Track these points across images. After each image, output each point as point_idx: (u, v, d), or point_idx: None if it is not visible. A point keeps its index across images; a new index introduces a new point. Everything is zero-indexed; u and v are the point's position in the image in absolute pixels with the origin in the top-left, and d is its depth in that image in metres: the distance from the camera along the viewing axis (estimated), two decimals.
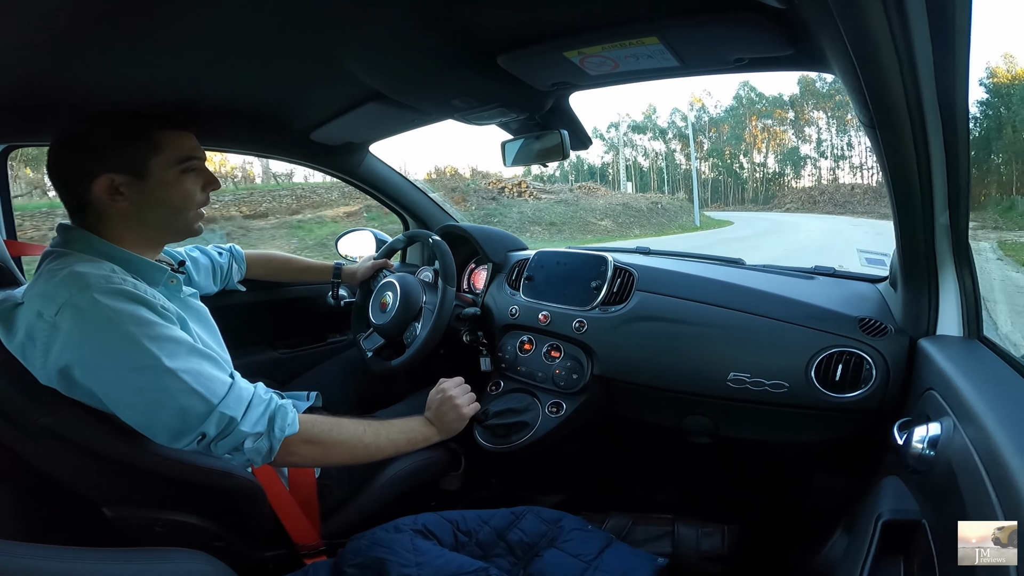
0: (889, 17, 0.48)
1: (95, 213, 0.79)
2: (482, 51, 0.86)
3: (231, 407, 0.73)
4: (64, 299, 0.68)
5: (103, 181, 0.77)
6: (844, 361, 0.98)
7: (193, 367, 0.72)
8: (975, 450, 0.53)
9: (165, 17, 0.69)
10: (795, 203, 35.56)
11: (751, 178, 44.83)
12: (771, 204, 38.52)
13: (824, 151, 42.49)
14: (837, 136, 42.52)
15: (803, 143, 43.70)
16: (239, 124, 1.24)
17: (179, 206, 0.84)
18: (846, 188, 36.35)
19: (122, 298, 0.71)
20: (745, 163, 45.55)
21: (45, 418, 0.71)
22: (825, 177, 41.97)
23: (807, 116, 43.30)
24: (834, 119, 42.73)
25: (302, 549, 0.96)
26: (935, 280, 0.88)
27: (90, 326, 0.68)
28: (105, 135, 0.79)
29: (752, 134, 45.96)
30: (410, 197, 1.75)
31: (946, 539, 0.53)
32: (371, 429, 0.89)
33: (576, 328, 1.26)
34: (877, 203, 32.05)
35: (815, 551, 0.94)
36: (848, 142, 42.28)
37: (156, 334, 0.71)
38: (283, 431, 0.76)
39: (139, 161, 0.79)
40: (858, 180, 40.23)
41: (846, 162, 42.15)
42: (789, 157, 43.35)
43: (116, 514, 0.82)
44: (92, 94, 0.91)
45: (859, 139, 41.36)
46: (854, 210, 30.80)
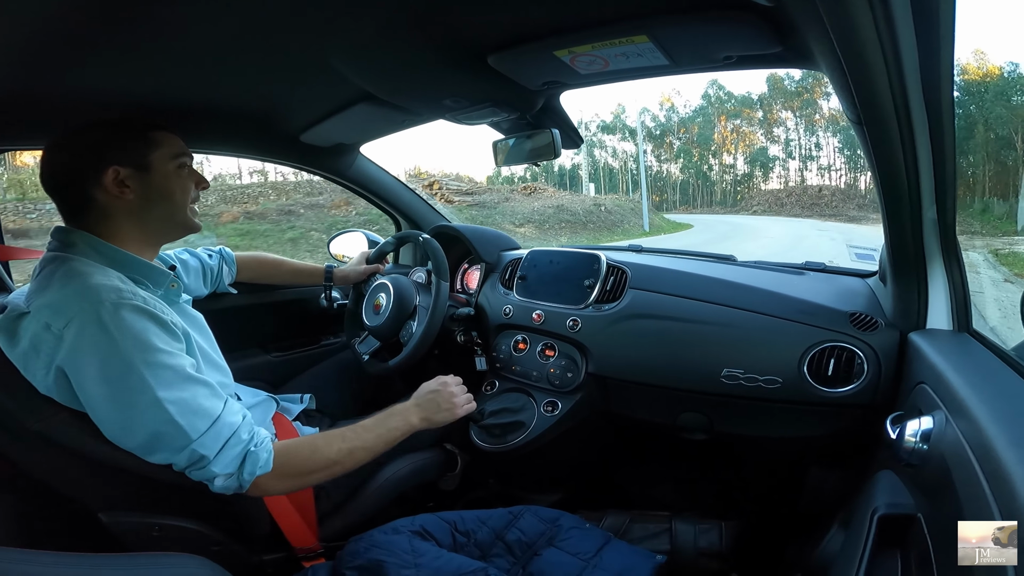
0: (875, 14, 0.48)
1: (98, 212, 0.80)
2: (472, 51, 0.86)
3: (206, 446, 0.73)
4: (74, 312, 0.69)
5: (110, 174, 0.79)
6: (836, 356, 0.99)
7: (183, 397, 0.72)
8: (967, 443, 0.53)
9: (151, 19, 0.69)
10: (762, 205, 34.80)
11: (720, 180, 43.97)
12: (738, 207, 37.68)
13: (792, 151, 41.92)
14: (805, 136, 42.14)
15: (772, 143, 43.02)
16: (228, 126, 1.23)
17: (182, 199, 0.87)
18: (814, 190, 35.74)
19: (132, 314, 0.71)
20: (715, 164, 44.66)
21: (39, 425, 0.71)
22: (793, 179, 41.36)
23: (775, 116, 42.60)
24: (802, 118, 42.13)
25: (300, 552, 0.95)
26: (924, 274, 0.88)
27: (93, 341, 0.69)
28: (105, 133, 0.81)
29: (722, 135, 45.21)
30: (402, 198, 1.75)
31: (942, 532, 0.54)
32: (346, 445, 0.86)
33: (570, 327, 1.26)
34: (845, 204, 31.44)
35: (812, 546, 0.95)
36: (816, 142, 41.93)
37: (155, 360, 0.71)
38: (253, 474, 0.76)
39: (141, 155, 0.82)
40: (826, 181, 39.73)
41: (814, 163, 41.53)
42: (757, 158, 42.47)
43: (112, 520, 0.82)
44: (79, 97, 0.91)
45: (827, 139, 40.84)
46: (822, 212, 30.33)
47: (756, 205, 34.76)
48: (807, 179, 40.22)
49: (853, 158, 39.36)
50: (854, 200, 33.11)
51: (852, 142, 38.67)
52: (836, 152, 40.82)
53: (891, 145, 0.68)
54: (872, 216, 25.55)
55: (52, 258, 0.77)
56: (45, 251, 0.80)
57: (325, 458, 0.84)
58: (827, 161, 40.83)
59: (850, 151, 39.50)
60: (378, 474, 1.11)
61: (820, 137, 41.22)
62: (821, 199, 33.36)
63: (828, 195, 33.88)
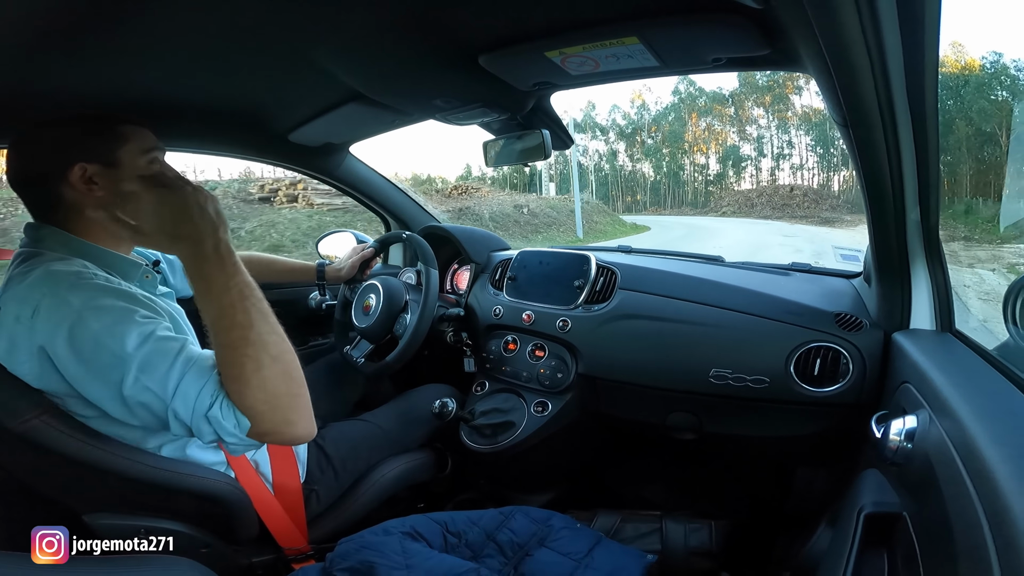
0: (861, 18, 0.49)
1: (67, 208, 0.78)
2: (463, 51, 0.85)
3: (186, 394, 0.66)
4: (37, 299, 0.67)
5: (76, 171, 0.76)
6: (822, 356, 1.00)
7: (151, 360, 0.67)
8: (951, 442, 0.54)
9: (136, 17, 0.68)
10: (732, 206, 32.63)
11: (692, 180, 41.56)
12: (707, 208, 35.37)
13: (763, 150, 39.69)
14: (777, 134, 39.95)
15: (744, 141, 40.64)
16: (215, 125, 1.22)
17: None
18: (785, 190, 33.43)
19: (94, 292, 0.69)
20: (686, 163, 42.24)
21: (20, 426, 0.70)
22: (765, 178, 38.97)
23: (747, 113, 40.28)
24: (773, 114, 39.77)
25: (290, 554, 0.95)
26: (907, 275, 0.90)
27: (62, 322, 0.67)
28: (71, 130, 0.78)
29: (693, 133, 42.91)
30: (391, 198, 1.74)
31: (927, 530, 0.55)
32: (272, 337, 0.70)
33: (560, 327, 1.26)
34: (817, 206, 29.77)
35: (800, 545, 0.96)
36: (788, 140, 39.56)
37: (123, 331, 0.67)
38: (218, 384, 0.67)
39: (108, 151, 0.79)
40: (798, 181, 37.55)
41: (787, 162, 39.36)
42: (728, 157, 40.34)
43: (97, 522, 0.80)
44: (64, 95, 0.89)
45: (799, 137, 38.77)
46: (793, 214, 28.64)
47: (726, 206, 32.87)
48: (779, 179, 38.22)
49: (826, 156, 37.71)
50: (827, 201, 31.58)
51: (824, 139, 36.86)
52: (808, 150, 39.02)
53: (876, 147, 0.69)
54: (846, 218, 25.09)
55: (22, 254, 0.76)
56: (17, 248, 0.79)
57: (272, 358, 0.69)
58: (799, 160, 39.07)
59: (822, 149, 37.78)
60: (368, 475, 1.11)
61: (792, 135, 39.23)
62: (792, 200, 31.39)
63: (800, 196, 32.32)
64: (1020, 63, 29.24)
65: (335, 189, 1.68)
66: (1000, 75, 29.18)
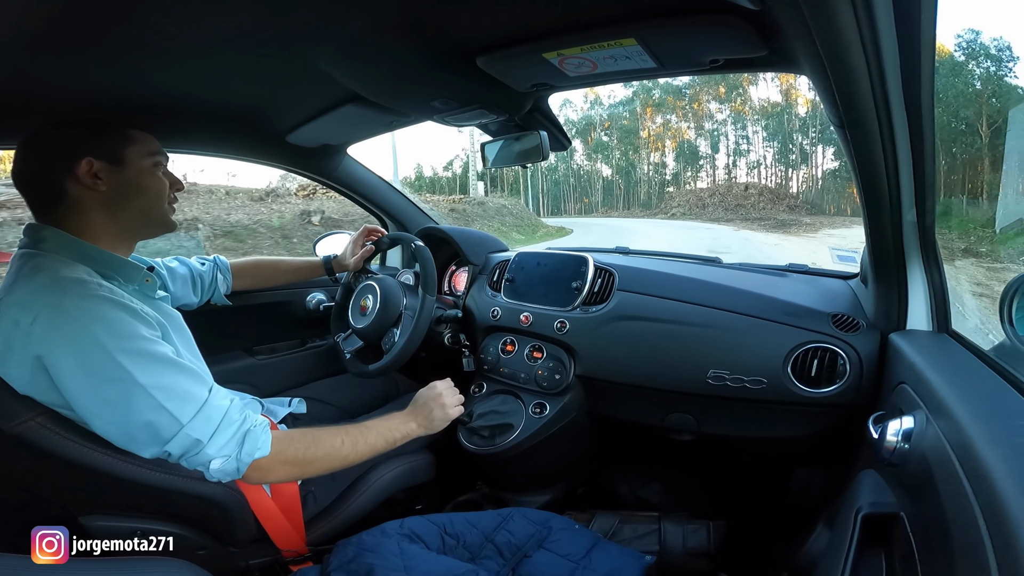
0: (858, 19, 0.49)
1: (69, 206, 0.79)
2: (461, 53, 0.85)
3: (198, 429, 0.71)
4: (39, 308, 0.67)
5: (84, 165, 0.78)
6: (819, 357, 1.01)
7: (166, 383, 0.70)
8: (948, 442, 0.54)
9: (135, 18, 0.68)
10: (682, 207, 29.39)
11: (645, 179, 37.29)
12: (657, 209, 31.82)
13: (718, 146, 35.46)
14: (734, 129, 35.61)
15: (700, 138, 36.30)
16: (213, 127, 1.22)
17: (156, 194, 0.86)
18: (739, 189, 30.44)
19: (99, 304, 0.70)
20: (638, 161, 37.68)
21: (16, 428, 0.70)
22: (722, 177, 34.82)
23: (704, 108, 35.99)
24: (730, 108, 35.25)
25: (287, 556, 0.94)
26: (904, 276, 0.90)
27: (64, 333, 0.67)
28: (79, 130, 0.80)
29: (648, 129, 38.57)
30: (389, 199, 1.74)
31: (924, 530, 0.55)
32: (349, 439, 0.86)
33: (558, 329, 1.26)
34: (774, 207, 26.69)
35: (798, 545, 0.96)
36: (745, 135, 35.24)
37: (130, 347, 0.69)
38: (251, 455, 0.75)
39: (115, 149, 0.81)
40: (755, 179, 33.44)
41: (744, 159, 35.23)
42: (682, 154, 36.13)
43: (94, 524, 0.80)
44: (62, 96, 0.89)
45: (756, 132, 34.53)
46: (747, 215, 25.36)
47: (676, 207, 29.65)
48: (738, 177, 34.21)
49: (784, 153, 33.44)
50: (784, 201, 29.19)
51: (783, 134, 32.71)
52: (765, 145, 34.40)
53: (872, 148, 0.69)
54: (804, 220, 22.19)
55: (22, 255, 0.76)
56: (17, 248, 0.78)
57: (327, 446, 0.83)
58: (757, 157, 34.89)
59: (780, 144, 33.45)
60: (366, 477, 1.10)
61: (750, 130, 34.98)
62: (747, 200, 28.63)
63: (755, 195, 29.22)
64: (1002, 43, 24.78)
65: (333, 191, 1.68)
66: (978, 56, 25.06)
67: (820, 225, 18.65)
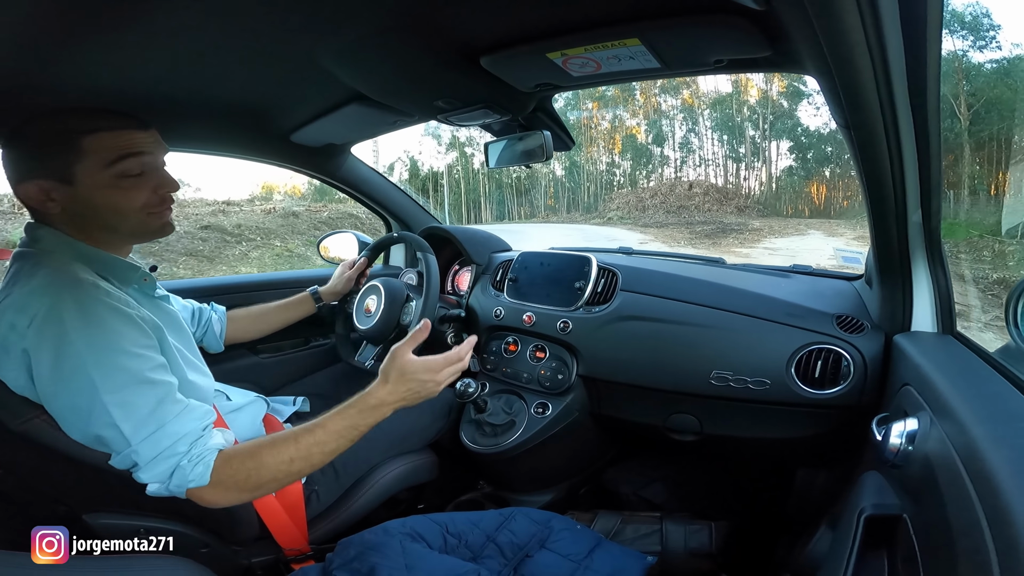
0: (863, 19, 0.49)
1: (46, 215, 0.77)
2: (465, 52, 0.86)
3: (140, 453, 0.69)
4: (35, 311, 0.68)
5: (33, 189, 0.74)
6: (823, 358, 1.00)
7: (130, 400, 0.69)
8: (952, 444, 0.54)
9: (139, 16, 0.68)
10: (621, 210, 25.09)
11: (592, 180, 31.87)
12: (594, 213, 27.15)
13: (662, 140, 30.09)
14: (685, 124, 30.16)
15: (649, 134, 30.70)
16: (217, 125, 1.22)
17: (118, 208, 0.77)
18: (683, 188, 25.94)
19: (93, 310, 0.70)
20: (584, 162, 32.20)
21: (19, 426, 0.70)
22: (670, 175, 29.37)
23: (653, 102, 30.20)
24: (679, 100, 29.66)
25: (289, 555, 0.95)
26: (909, 277, 0.90)
27: (49, 336, 0.67)
28: (33, 139, 0.75)
29: (591, 124, 32.51)
30: (393, 199, 1.74)
31: (928, 533, 0.54)
32: (300, 452, 0.76)
33: (560, 328, 1.26)
34: (721, 207, 23.01)
35: (801, 546, 0.95)
36: (692, 128, 29.84)
37: (108, 361, 0.69)
38: (180, 487, 0.71)
39: (63, 167, 0.74)
40: (699, 177, 28.25)
41: (692, 156, 29.64)
42: (628, 152, 31.03)
43: (97, 522, 0.81)
44: (63, 94, 0.89)
45: (703, 124, 29.28)
46: (690, 218, 21.70)
47: (614, 211, 25.30)
48: (687, 175, 29.01)
49: (733, 146, 28.15)
50: (733, 202, 24.79)
51: (732, 127, 28.08)
52: (712, 136, 29.02)
53: (878, 149, 0.68)
54: (753, 224, 18.24)
55: (20, 255, 0.76)
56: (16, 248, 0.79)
57: (273, 469, 0.74)
58: (705, 153, 29.33)
59: (729, 136, 28.24)
60: (369, 477, 1.11)
61: (702, 124, 29.64)
62: (691, 200, 24.60)
63: (700, 195, 24.87)
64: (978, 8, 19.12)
65: (336, 190, 1.68)
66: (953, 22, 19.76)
67: (767, 232, 16.07)
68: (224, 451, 0.74)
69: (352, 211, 12.87)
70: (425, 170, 31.29)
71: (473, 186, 32.21)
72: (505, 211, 30.66)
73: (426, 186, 30.63)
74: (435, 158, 31.28)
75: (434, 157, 31.53)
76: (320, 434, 0.78)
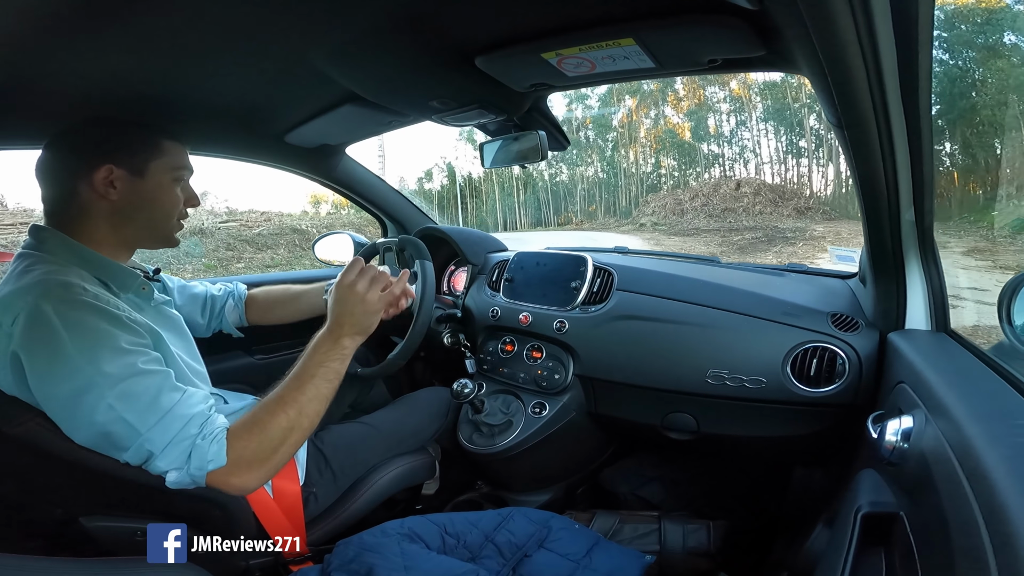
0: (855, 18, 0.49)
1: (78, 209, 0.79)
2: (459, 52, 0.85)
3: (153, 441, 0.69)
4: (19, 309, 0.68)
5: (103, 172, 0.78)
6: (819, 356, 1.01)
7: (131, 391, 0.69)
8: (947, 442, 0.54)
9: (131, 16, 0.67)
10: (656, 214, 21.54)
11: (632, 182, 28.36)
12: (630, 219, 23.70)
13: (704, 133, 26.40)
14: (735, 117, 26.18)
15: (700, 129, 26.92)
16: (210, 126, 1.21)
17: (167, 211, 0.86)
18: (728, 187, 21.74)
19: (80, 310, 0.70)
20: (621, 161, 28.96)
21: (16, 429, 0.70)
22: (717, 175, 25.41)
23: (699, 94, 26.32)
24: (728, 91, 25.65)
25: (287, 556, 0.94)
26: (902, 275, 0.90)
27: (39, 337, 0.67)
28: (112, 131, 0.82)
29: (625, 122, 29.20)
30: (388, 200, 1.73)
31: (924, 530, 0.55)
32: (292, 409, 0.77)
33: (557, 328, 1.26)
34: (776, 210, 19.65)
35: (798, 545, 0.96)
36: (742, 119, 26.02)
37: (101, 357, 0.69)
38: (201, 469, 0.71)
39: (140, 160, 0.82)
40: (748, 175, 23.94)
41: (743, 151, 25.54)
42: (675, 151, 27.65)
43: (94, 524, 0.80)
44: (58, 95, 0.88)
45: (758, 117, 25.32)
46: (735, 222, 18.57)
47: (648, 216, 22.10)
48: (736, 173, 24.82)
49: (789, 136, 24.46)
50: (790, 202, 20.53)
51: (784, 116, 24.66)
52: (764, 127, 24.95)
53: (870, 148, 0.69)
54: (815, 229, 15.45)
55: (21, 255, 0.77)
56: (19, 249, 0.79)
57: (277, 431, 0.75)
58: (757, 147, 25.26)
59: (785, 127, 24.72)
60: (367, 477, 1.10)
61: (754, 116, 25.68)
62: (738, 202, 20.54)
63: (749, 195, 20.66)
64: None
65: (332, 191, 1.68)
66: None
67: (832, 239, 13.26)
68: (229, 428, 0.75)
69: None
70: (463, 175, 30.13)
71: (508, 191, 30.72)
72: (541, 217, 29.23)
73: (463, 191, 29.96)
74: (472, 163, 29.77)
75: (470, 163, 29.80)
76: (296, 383, 0.80)
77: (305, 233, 11.92)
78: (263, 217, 13.02)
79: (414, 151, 45.04)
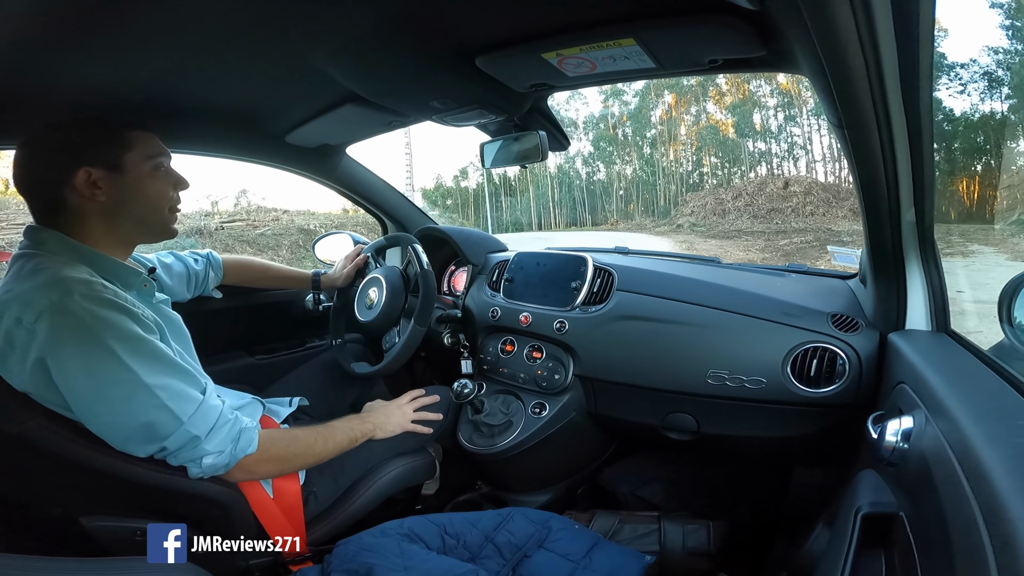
0: (856, 19, 0.49)
1: (70, 212, 0.79)
2: (460, 52, 0.85)
3: (197, 426, 0.75)
4: (44, 305, 0.68)
5: (81, 175, 0.78)
6: (819, 356, 1.01)
7: (169, 382, 0.73)
8: (947, 442, 0.54)
9: (132, 17, 0.67)
10: (696, 215, 20.75)
11: (672, 181, 27.12)
12: (668, 220, 22.81)
13: (750, 129, 24.63)
14: (782, 111, 24.52)
15: (743, 124, 25.15)
16: (211, 127, 1.21)
17: (156, 202, 0.86)
18: (776, 186, 20.41)
19: (104, 306, 0.71)
20: (660, 160, 27.74)
21: (17, 428, 0.70)
22: (763, 174, 24.10)
23: (744, 88, 24.74)
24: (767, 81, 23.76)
25: (287, 556, 0.94)
26: (903, 276, 0.90)
27: (70, 333, 0.68)
28: (78, 133, 0.80)
29: (664, 119, 27.81)
30: (389, 200, 1.73)
31: (924, 530, 0.55)
32: (320, 438, 0.94)
33: (557, 329, 1.26)
34: (829, 211, 18.61)
35: (798, 545, 0.96)
36: (790, 114, 24.45)
37: (136, 348, 0.71)
38: (244, 451, 0.80)
39: (114, 156, 0.81)
40: (801, 173, 23.01)
41: (793, 148, 24.13)
42: (704, 144, 26.23)
43: (94, 524, 0.80)
44: (58, 95, 0.89)
45: (801, 104, 23.78)
46: (784, 225, 17.55)
47: (686, 216, 21.19)
48: (784, 171, 23.75)
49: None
50: (846, 203, 18.70)
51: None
52: (816, 123, 23.99)
53: (871, 148, 0.69)
54: None
55: (21, 255, 0.76)
56: (16, 250, 0.79)
57: (304, 445, 0.91)
58: (809, 144, 23.66)
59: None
60: (367, 478, 1.10)
61: (799, 107, 24.14)
62: (786, 202, 19.20)
63: (799, 194, 19.29)
64: None
65: (332, 191, 1.68)
66: None
67: None
68: (262, 431, 0.86)
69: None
70: (499, 173, 27.84)
71: (543, 190, 30.02)
72: (576, 217, 28.77)
73: (498, 190, 30.07)
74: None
75: None
76: (330, 428, 0.98)
77: (312, 233, 12.03)
78: (271, 216, 13.05)
79: (451, 149, 45.12)
